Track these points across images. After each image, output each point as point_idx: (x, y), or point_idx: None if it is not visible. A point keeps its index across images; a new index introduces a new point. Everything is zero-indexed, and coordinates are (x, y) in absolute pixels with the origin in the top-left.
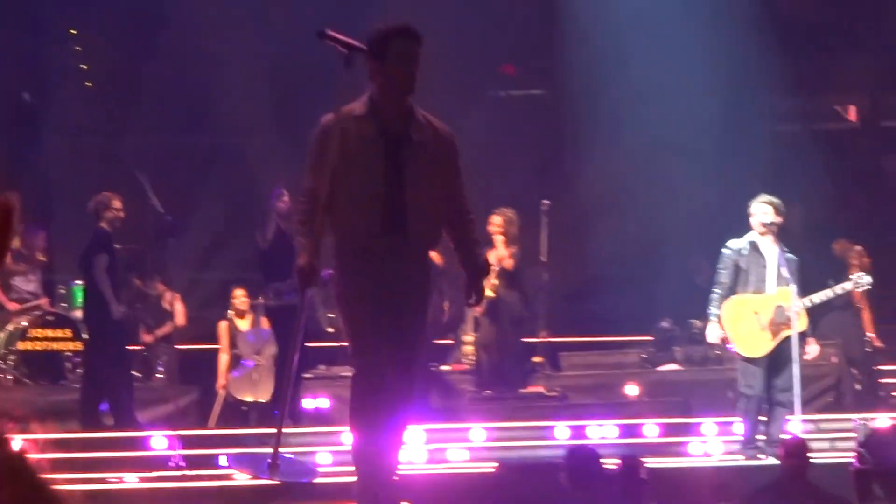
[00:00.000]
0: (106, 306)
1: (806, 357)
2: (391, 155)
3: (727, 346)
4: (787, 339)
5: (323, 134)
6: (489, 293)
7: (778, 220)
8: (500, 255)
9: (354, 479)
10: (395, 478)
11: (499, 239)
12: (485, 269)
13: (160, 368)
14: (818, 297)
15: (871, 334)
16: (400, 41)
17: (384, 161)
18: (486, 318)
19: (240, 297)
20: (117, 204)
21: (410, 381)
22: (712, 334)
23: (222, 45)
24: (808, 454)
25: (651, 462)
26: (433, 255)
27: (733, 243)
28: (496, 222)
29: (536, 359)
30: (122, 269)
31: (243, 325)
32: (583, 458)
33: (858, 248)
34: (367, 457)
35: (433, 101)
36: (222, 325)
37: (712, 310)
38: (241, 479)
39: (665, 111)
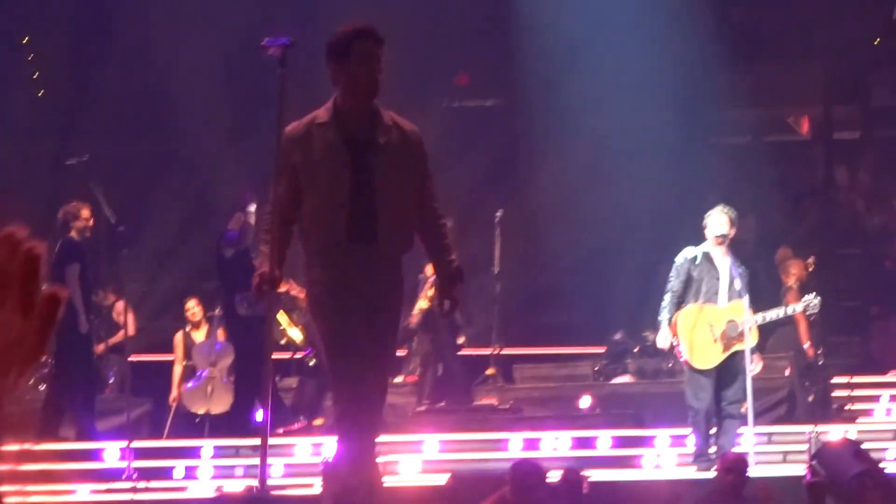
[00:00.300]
0: (75, 317)
1: (752, 372)
2: (357, 160)
3: (676, 353)
4: (737, 352)
5: (287, 142)
6: (423, 304)
7: (732, 231)
8: None
9: (321, 488)
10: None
11: None
12: (457, 275)
13: (111, 380)
14: (770, 314)
15: (806, 345)
16: (361, 42)
17: (350, 167)
18: (422, 330)
19: (192, 308)
20: (86, 213)
21: (384, 387)
22: (662, 339)
23: (174, 52)
24: (746, 470)
25: (603, 474)
26: None
27: (688, 252)
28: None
29: (489, 371)
30: (91, 279)
31: (199, 336)
32: (526, 473)
33: (799, 260)
34: (351, 463)
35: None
36: (178, 336)
37: (662, 316)
38: (195, 491)
39: (617, 122)
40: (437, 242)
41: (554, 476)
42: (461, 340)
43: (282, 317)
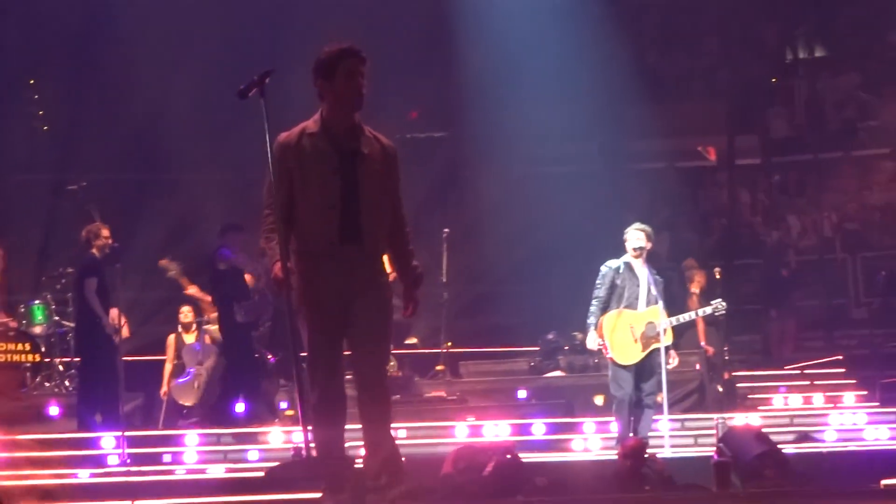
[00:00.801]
0: (97, 323)
1: (669, 366)
2: (345, 168)
3: (604, 352)
4: (654, 350)
5: (281, 149)
6: None
7: (648, 245)
8: None
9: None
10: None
11: None
12: (419, 279)
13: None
14: (683, 317)
15: (703, 343)
16: (346, 61)
17: (339, 174)
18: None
19: (186, 313)
20: (106, 233)
21: (383, 377)
22: (591, 342)
23: (161, 88)
24: (644, 455)
25: (538, 457)
26: None
27: (611, 263)
28: None
29: (439, 367)
30: (111, 289)
31: (189, 338)
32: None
33: (702, 271)
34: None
35: None
36: (170, 338)
37: (590, 320)
38: (182, 474)
39: (547, 151)
40: (402, 248)
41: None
42: (413, 341)
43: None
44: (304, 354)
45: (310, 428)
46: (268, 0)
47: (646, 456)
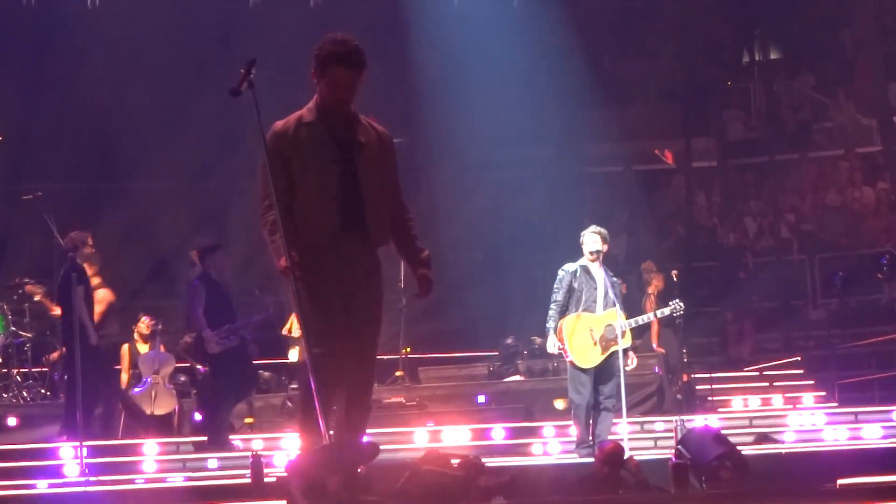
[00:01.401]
0: (84, 332)
1: (628, 368)
2: (345, 157)
3: (564, 355)
4: (614, 353)
5: (277, 138)
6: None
7: (604, 248)
8: None
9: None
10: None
11: None
12: (429, 260)
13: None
14: (642, 319)
15: (655, 345)
16: (337, 66)
17: (339, 163)
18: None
19: (146, 322)
20: (90, 241)
21: (371, 377)
22: (551, 346)
23: (118, 98)
24: (621, 461)
25: (499, 461)
26: None
27: (568, 267)
28: None
29: (398, 372)
30: (92, 299)
31: (143, 348)
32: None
33: (659, 274)
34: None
35: None
36: (124, 348)
37: (550, 324)
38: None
39: (506, 155)
40: (407, 233)
41: None
42: (404, 350)
43: None
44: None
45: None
46: (219, 8)
47: (623, 459)
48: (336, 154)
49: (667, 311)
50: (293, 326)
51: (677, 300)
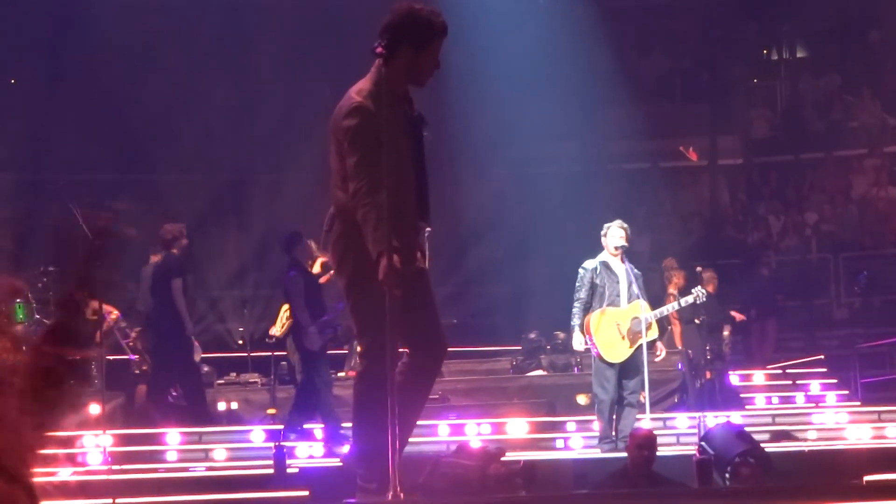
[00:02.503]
0: (180, 323)
1: (658, 359)
2: (415, 140)
3: (593, 351)
4: (641, 346)
5: (371, 120)
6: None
7: (627, 244)
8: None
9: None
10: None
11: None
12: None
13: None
14: (666, 309)
15: (680, 346)
16: (440, 40)
17: (413, 147)
18: (294, 342)
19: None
20: (185, 233)
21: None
22: (577, 343)
23: (144, 89)
24: (656, 446)
25: (520, 455)
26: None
27: (588, 264)
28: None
29: None
30: (190, 290)
31: None
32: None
33: (681, 271)
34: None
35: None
36: None
37: (575, 322)
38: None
39: (530, 152)
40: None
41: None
42: None
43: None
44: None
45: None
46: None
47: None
48: (411, 137)
49: (690, 298)
50: (284, 324)
51: (699, 287)
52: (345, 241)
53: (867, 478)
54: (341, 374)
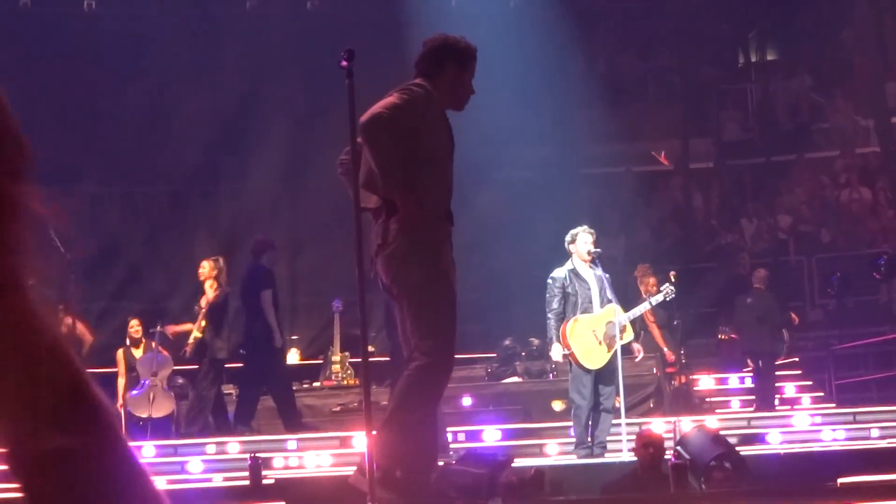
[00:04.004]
0: (270, 334)
1: (636, 360)
2: (452, 154)
3: (573, 360)
4: (616, 351)
5: (427, 102)
6: (197, 334)
7: (597, 249)
8: (208, 297)
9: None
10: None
11: (208, 283)
12: None
13: None
14: (638, 309)
15: (664, 348)
16: (475, 62)
17: (452, 155)
18: (195, 357)
19: (135, 326)
20: (274, 245)
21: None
22: (556, 353)
23: (121, 101)
24: (663, 444)
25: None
26: None
27: (557, 273)
28: (205, 267)
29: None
30: (279, 302)
31: (137, 352)
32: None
33: (654, 277)
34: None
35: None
36: (119, 353)
37: (551, 334)
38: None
39: (505, 157)
40: None
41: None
42: (371, 349)
43: None
44: None
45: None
46: (215, 10)
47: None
48: (452, 145)
49: (660, 297)
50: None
51: (668, 284)
52: (405, 248)
53: (842, 480)
54: (316, 384)
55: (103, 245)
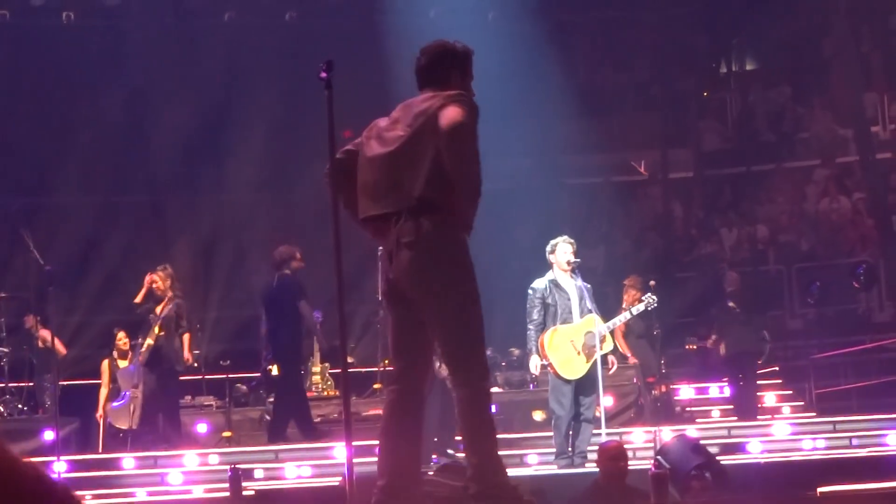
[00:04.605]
0: (297, 345)
1: (610, 372)
2: None
3: (551, 370)
4: (595, 361)
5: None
6: (150, 341)
7: (577, 259)
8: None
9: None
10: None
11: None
12: None
13: (47, 402)
14: (619, 319)
15: (629, 356)
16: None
17: None
18: (147, 368)
19: (122, 338)
20: (299, 255)
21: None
22: (534, 366)
23: (98, 112)
24: (626, 457)
25: None
26: None
27: (537, 283)
28: (157, 279)
29: (376, 385)
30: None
31: (123, 363)
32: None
33: (638, 291)
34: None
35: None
36: (104, 363)
37: (531, 346)
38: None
39: (485, 168)
40: None
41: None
42: (350, 360)
43: None
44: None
45: None
46: (194, 22)
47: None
48: None
49: (641, 306)
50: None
51: (649, 294)
52: (448, 258)
53: (821, 489)
54: None
55: (81, 255)
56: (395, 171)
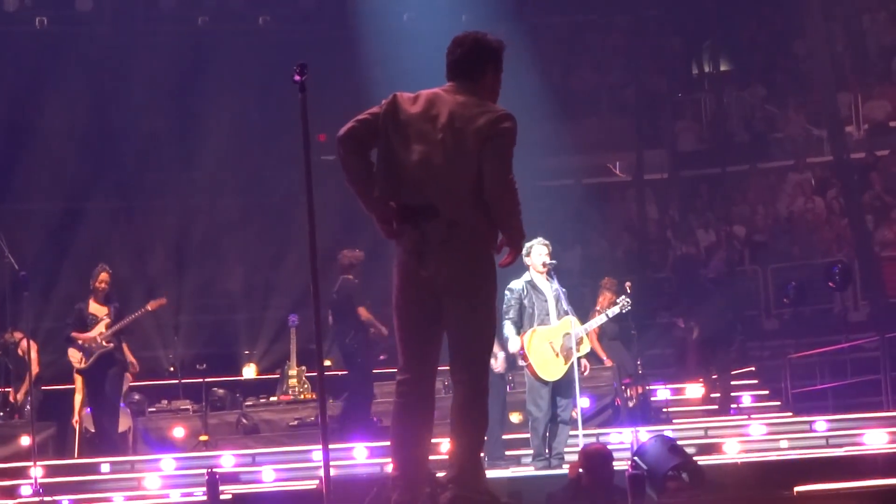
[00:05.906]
0: (360, 350)
1: (584, 374)
2: None
3: (529, 370)
4: (572, 363)
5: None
6: (105, 344)
7: (553, 261)
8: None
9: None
10: None
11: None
12: None
13: (27, 409)
14: (595, 321)
15: (604, 358)
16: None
17: None
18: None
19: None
20: (362, 258)
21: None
22: (513, 345)
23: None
24: (611, 463)
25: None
26: None
27: (514, 284)
28: (104, 279)
29: None
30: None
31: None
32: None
33: (612, 294)
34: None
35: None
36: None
37: (507, 332)
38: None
39: None
40: None
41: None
42: (328, 363)
43: None
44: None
45: None
46: (167, 27)
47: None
48: None
49: (616, 309)
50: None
51: (624, 296)
52: (478, 254)
53: (798, 488)
54: (273, 399)
55: (51, 260)
56: (442, 172)
